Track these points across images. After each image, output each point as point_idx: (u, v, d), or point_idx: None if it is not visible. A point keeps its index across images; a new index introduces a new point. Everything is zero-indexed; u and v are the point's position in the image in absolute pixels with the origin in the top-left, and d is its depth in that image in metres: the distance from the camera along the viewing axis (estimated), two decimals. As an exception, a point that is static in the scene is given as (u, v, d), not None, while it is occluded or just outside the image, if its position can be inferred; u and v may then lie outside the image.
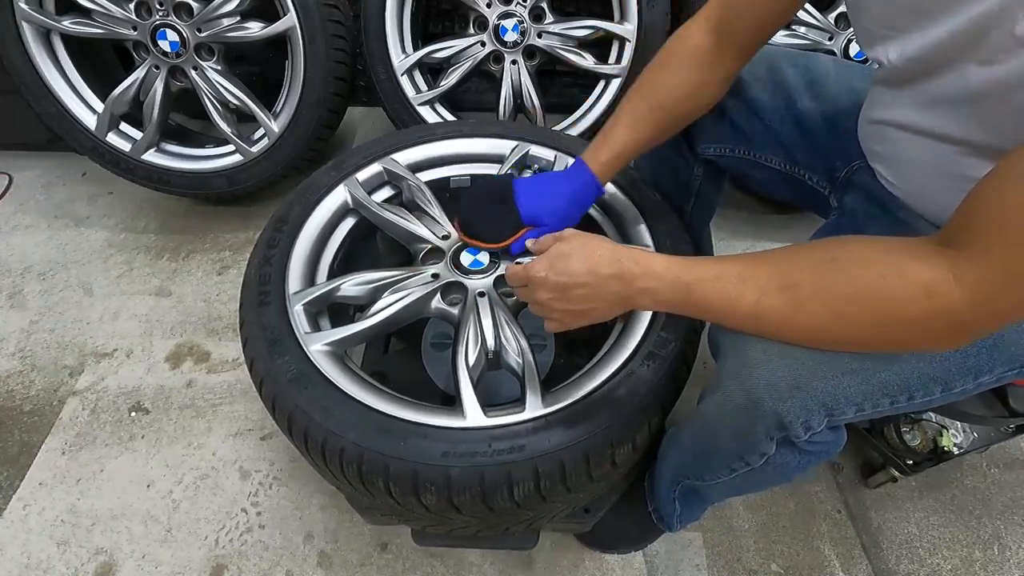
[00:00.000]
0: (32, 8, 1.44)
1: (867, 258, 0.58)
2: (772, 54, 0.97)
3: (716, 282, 0.64)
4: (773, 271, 0.62)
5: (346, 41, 1.55)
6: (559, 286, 0.70)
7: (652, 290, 0.68)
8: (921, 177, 0.72)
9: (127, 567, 1.11)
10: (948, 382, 0.65)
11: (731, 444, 0.74)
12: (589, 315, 0.73)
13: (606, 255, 0.69)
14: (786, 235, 1.78)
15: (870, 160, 0.83)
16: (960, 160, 0.65)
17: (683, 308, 0.68)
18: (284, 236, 0.96)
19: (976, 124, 0.61)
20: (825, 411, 0.64)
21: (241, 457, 1.26)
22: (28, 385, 1.39)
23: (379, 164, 1.07)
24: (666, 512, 1.03)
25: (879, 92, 0.78)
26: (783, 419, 0.64)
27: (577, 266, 0.69)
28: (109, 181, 1.79)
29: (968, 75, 0.57)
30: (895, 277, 0.55)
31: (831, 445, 0.70)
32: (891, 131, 0.75)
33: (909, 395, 0.64)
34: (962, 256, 0.52)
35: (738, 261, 0.64)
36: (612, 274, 0.68)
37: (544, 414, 0.77)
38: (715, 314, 0.67)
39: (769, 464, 0.72)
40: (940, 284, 0.52)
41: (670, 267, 0.67)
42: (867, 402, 0.64)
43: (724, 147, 1.01)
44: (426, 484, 0.72)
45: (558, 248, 0.72)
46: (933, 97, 0.65)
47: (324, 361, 0.82)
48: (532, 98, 1.70)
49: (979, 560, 1.18)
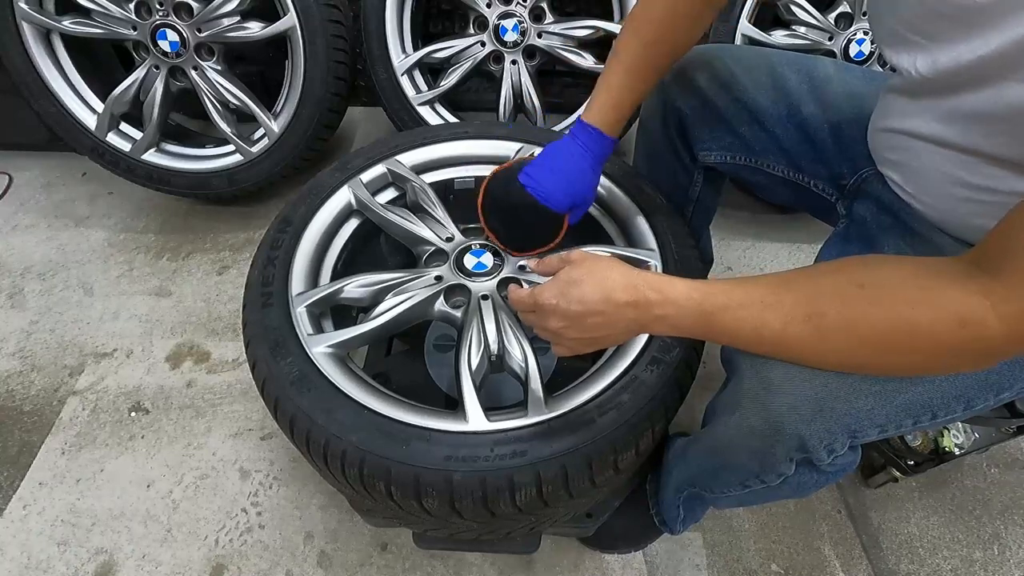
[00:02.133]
0: (32, 8, 1.44)
1: (897, 284, 0.56)
2: (773, 58, 0.96)
3: (739, 310, 0.61)
4: (799, 298, 0.60)
5: (346, 41, 1.54)
6: (572, 315, 0.66)
7: (670, 317, 0.65)
8: (939, 187, 0.70)
9: (127, 567, 1.12)
10: (970, 400, 0.64)
11: (748, 463, 0.73)
12: (602, 342, 0.70)
13: (620, 281, 0.65)
14: (786, 235, 1.78)
15: (881, 167, 0.81)
16: (983, 171, 0.63)
17: (702, 335, 0.66)
18: (288, 237, 0.96)
19: (1008, 139, 0.58)
20: (848, 434, 0.63)
21: (241, 457, 1.27)
22: (28, 385, 1.39)
23: (383, 165, 1.06)
24: (669, 516, 1.04)
25: (894, 101, 0.75)
26: (806, 443, 0.63)
27: (591, 294, 0.65)
28: (109, 181, 1.79)
29: (1007, 92, 0.54)
30: (927, 306, 0.53)
31: (850, 465, 0.69)
32: (907, 140, 0.72)
33: (932, 414, 0.63)
34: (999, 284, 0.50)
35: (760, 286, 0.62)
36: (628, 302, 0.65)
37: (547, 419, 0.77)
38: (738, 341, 0.64)
39: (786, 483, 0.71)
40: (975, 313, 0.50)
41: (690, 295, 0.63)
42: (890, 423, 0.63)
43: (725, 154, 1.00)
44: (428, 488, 0.72)
45: (568, 274, 0.68)
46: (960, 111, 0.62)
47: (327, 363, 0.82)
48: (532, 98, 1.70)
49: (979, 560, 1.19)
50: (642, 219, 1.02)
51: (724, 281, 0.65)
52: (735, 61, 0.96)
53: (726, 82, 0.95)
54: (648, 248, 0.98)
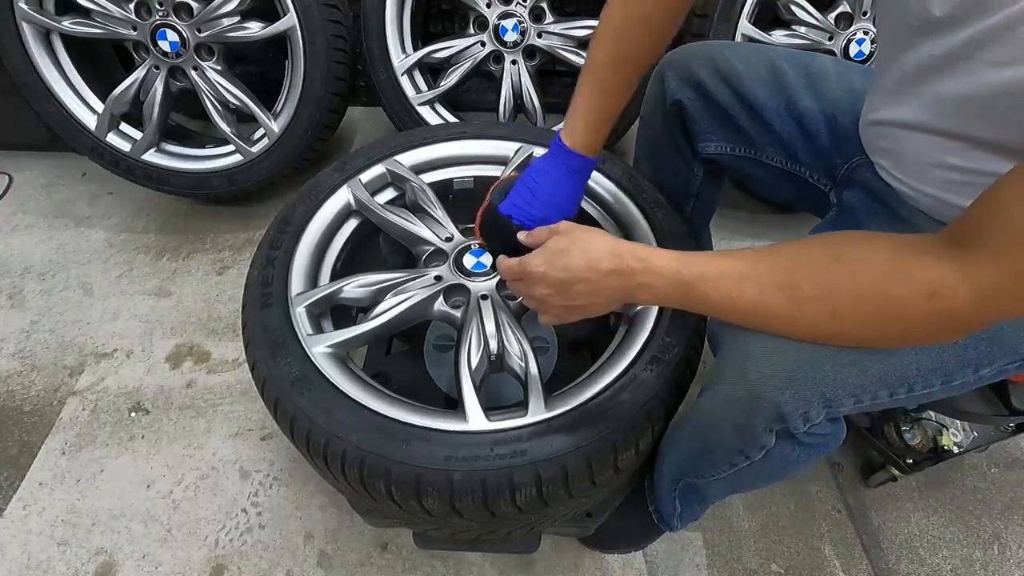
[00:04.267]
0: (32, 8, 1.44)
1: (872, 256, 0.58)
2: (772, 53, 0.98)
3: (717, 280, 0.64)
4: (774, 269, 0.62)
5: (346, 41, 1.54)
6: (558, 282, 0.70)
7: (652, 286, 0.67)
8: (927, 172, 0.72)
9: (127, 567, 1.11)
10: (948, 374, 0.65)
11: (731, 438, 0.74)
12: (588, 310, 0.73)
13: (605, 250, 0.69)
14: (786, 235, 1.78)
15: (871, 155, 0.84)
16: (967, 155, 0.65)
17: (683, 304, 0.68)
18: (287, 237, 0.96)
19: (985, 122, 0.61)
20: (823, 402, 0.64)
21: (241, 457, 1.26)
22: (28, 385, 1.39)
23: (383, 166, 1.06)
24: (666, 512, 1.04)
25: (881, 96, 0.78)
26: (782, 410, 0.65)
27: (577, 262, 0.68)
28: (109, 181, 1.79)
29: (982, 76, 0.58)
30: (900, 277, 0.55)
31: (831, 438, 0.70)
32: (896, 130, 0.75)
33: (908, 387, 0.65)
34: (971, 256, 0.52)
35: (740, 257, 0.64)
36: (612, 269, 0.68)
37: (547, 418, 0.77)
38: (715, 310, 0.67)
39: (769, 457, 0.72)
40: (946, 284, 0.52)
41: (670, 263, 0.66)
42: (865, 394, 0.64)
43: (725, 146, 1.01)
44: (428, 488, 0.72)
45: (556, 243, 0.71)
46: (944, 97, 0.65)
47: (326, 363, 0.82)
48: (532, 98, 1.70)
49: (979, 560, 1.19)
50: (642, 219, 1.02)
51: (707, 253, 0.68)
52: (735, 55, 0.97)
53: (726, 76, 0.96)
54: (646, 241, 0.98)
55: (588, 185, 1.06)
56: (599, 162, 0.91)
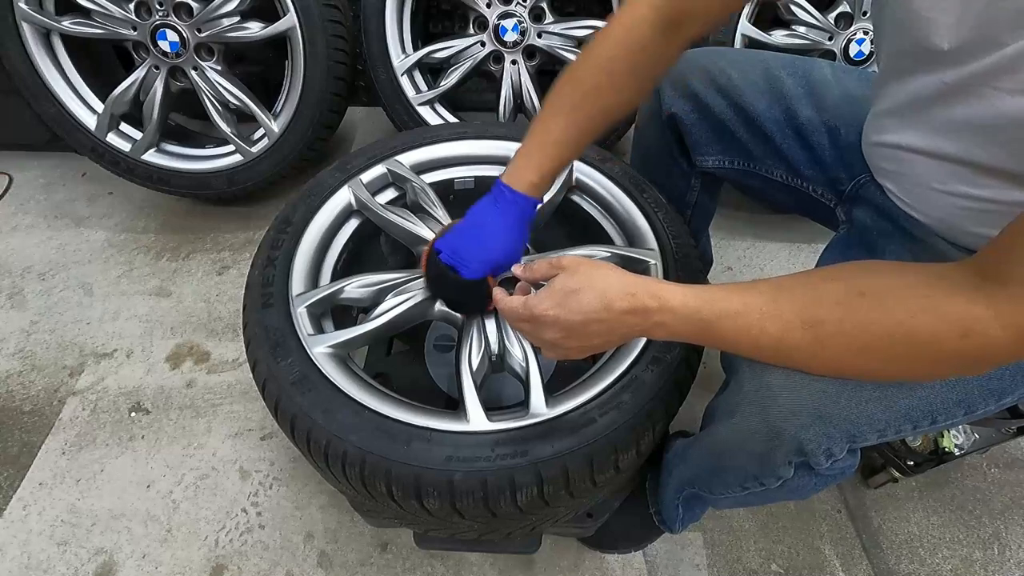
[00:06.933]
0: (32, 8, 1.44)
1: (898, 293, 0.55)
2: (769, 61, 0.95)
3: (737, 318, 0.60)
4: (796, 305, 0.59)
5: (346, 41, 1.54)
6: (571, 325, 0.64)
7: (669, 324, 0.63)
8: (936, 198, 0.70)
9: (127, 567, 1.12)
10: (971, 405, 0.64)
11: (747, 466, 0.73)
12: (598, 347, 0.69)
13: (618, 287, 0.63)
14: (786, 235, 1.78)
15: (877, 176, 0.81)
16: (980, 182, 0.63)
17: (700, 341, 0.65)
18: (288, 237, 0.96)
19: (1001, 150, 0.59)
20: (847, 439, 0.63)
21: (241, 457, 1.26)
22: (28, 385, 1.38)
23: (383, 165, 1.06)
24: (668, 516, 1.04)
25: (885, 118, 0.75)
26: (804, 447, 0.63)
27: (590, 303, 0.63)
28: (109, 181, 1.79)
29: (997, 104, 0.56)
30: (929, 315, 0.52)
31: (848, 468, 0.68)
32: (901, 153, 0.73)
33: (932, 419, 0.63)
34: (1003, 292, 0.50)
35: (759, 292, 0.61)
36: (628, 309, 0.63)
37: (548, 418, 0.77)
38: (735, 348, 0.63)
39: (784, 486, 0.71)
40: (978, 323, 0.50)
41: (687, 302, 0.62)
42: (890, 428, 0.63)
43: (723, 159, 0.99)
44: (429, 488, 0.72)
45: (564, 283, 0.65)
46: (954, 122, 0.63)
47: (327, 363, 0.82)
48: (532, 98, 1.70)
49: (979, 560, 1.19)
50: (642, 219, 1.02)
51: (723, 287, 0.64)
52: (731, 65, 0.95)
53: (722, 87, 0.94)
54: (648, 248, 0.98)
55: (588, 185, 1.07)
56: (541, 203, 0.84)
